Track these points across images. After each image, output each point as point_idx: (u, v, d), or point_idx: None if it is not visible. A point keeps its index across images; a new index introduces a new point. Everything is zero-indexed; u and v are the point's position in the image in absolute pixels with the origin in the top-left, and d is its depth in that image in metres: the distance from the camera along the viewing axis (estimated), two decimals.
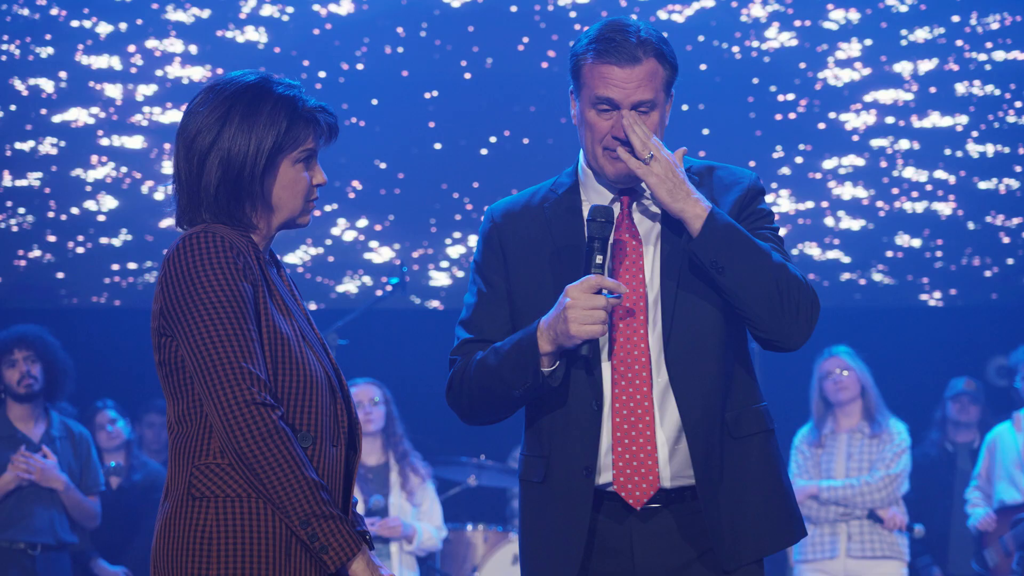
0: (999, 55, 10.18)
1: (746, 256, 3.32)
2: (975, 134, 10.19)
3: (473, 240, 10.09)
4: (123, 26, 9.80)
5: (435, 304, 10.10)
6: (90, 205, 9.82)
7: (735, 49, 9.70)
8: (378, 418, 7.77)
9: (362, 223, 10.02)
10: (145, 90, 9.80)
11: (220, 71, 9.79)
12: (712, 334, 3.41)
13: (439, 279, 10.08)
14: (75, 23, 9.76)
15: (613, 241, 3.44)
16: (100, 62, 9.77)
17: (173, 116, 9.63)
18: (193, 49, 9.86)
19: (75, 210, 9.80)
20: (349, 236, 10.00)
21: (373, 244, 10.03)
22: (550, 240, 3.50)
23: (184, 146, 3.10)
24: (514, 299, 3.51)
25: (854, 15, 10.05)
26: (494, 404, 3.47)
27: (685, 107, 9.92)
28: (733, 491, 3.40)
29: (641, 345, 3.39)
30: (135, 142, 9.79)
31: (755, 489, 3.43)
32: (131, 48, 9.78)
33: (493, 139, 10.08)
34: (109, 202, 9.83)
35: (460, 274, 10.13)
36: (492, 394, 3.43)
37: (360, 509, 7.34)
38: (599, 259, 3.29)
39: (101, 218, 9.80)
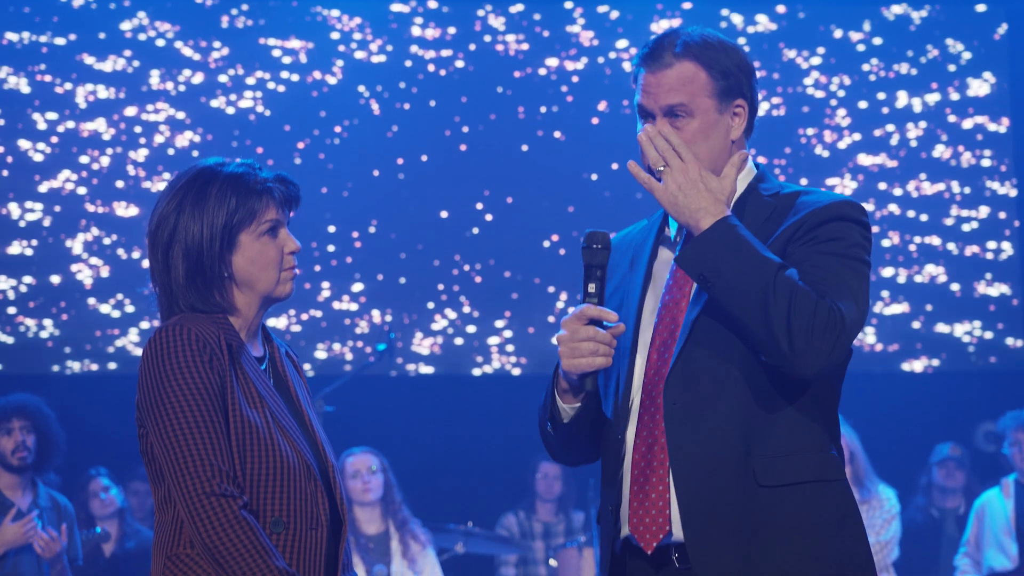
0: (985, 122, 10.26)
1: (737, 266, 2.94)
2: (959, 198, 10.24)
3: (467, 307, 10.09)
4: (112, 92, 9.84)
5: (424, 369, 10.08)
6: (79, 271, 9.80)
7: None
8: (376, 487, 7.75)
9: (348, 288, 10.02)
10: (135, 156, 9.83)
11: (210, 137, 9.84)
12: (736, 366, 3.03)
13: (426, 345, 10.07)
14: (60, 90, 9.81)
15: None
16: (88, 128, 9.80)
17: (161, 185, 9.64)
18: (181, 116, 9.90)
19: (59, 278, 9.78)
20: (336, 302, 10.00)
21: (352, 307, 10.02)
22: (620, 270, 3.27)
23: (150, 242, 3.17)
24: None
25: (842, 81, 10.13)
26: (546, 440, 3.26)
27: None
28: (748, 549, 2.98)
29: (663, 371, 3.08)
30: (123, 208, 9.80)
31: (782, 549, 2.98)
32: (119, 115, 9.82)
33: (480, 205, 10.10)
34: (99, 268, 9.82)
35: (459, 341, 10.12)
36: (540, 429, 3.25)
37: None
38: (591, 287, 3.05)
39: (88, 284, 9.78)
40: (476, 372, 10.12)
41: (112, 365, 9.78)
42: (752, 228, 3.07)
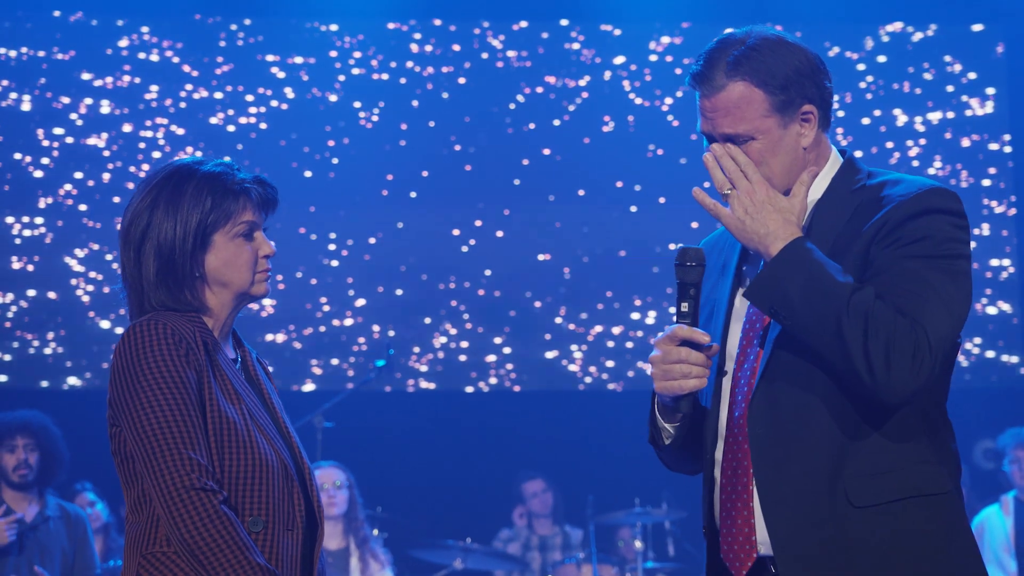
0: (984, 140, 10.27)
1: (808, 297, 2.78)
2: None
3: (467, 324, 10.09)
4: (113, 108, 9.85)
5: (423, 385, 10.08)
6: (78, 286, 9.80)
7: None
8: (341, 502, 7.69)
9: (348, 304, 10.02)
10: (135, 172, 9.84)
11: (210, 153, 9.84)
12: (822, 385, 2.85)
13: (425, 361, 10.07)
14: (59, 105, 9.82)
15: None
16: (89, 143, 9.82)
17: None
18: (181, 132, 9.91)
19: (58, 293, 9.78)
20: (335, 318, 10.00)
21: (351, 323, 10.02)
22: (714, 275, 3.13)
23: (122, 240, 3.12)
24: None
25: (841, 99, 10.13)
26: (659, 455, 3.15)
27: (663, 198, 9.97)
28: (846, 574, 2.81)
29: (747, 392, 2.93)
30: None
31: (884, 572, 2.81)
32: (118, 131, 9.83)
33: (479, 222, 10.11)
34: (98, 284, 9.82)
35: (458, 357, 10.12)
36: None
37: None
38: (684, 307, 2.90)
39: (87, 300, 9.79)
40: (474, 389, 10.11)
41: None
42: (834, 231, 2.93)
